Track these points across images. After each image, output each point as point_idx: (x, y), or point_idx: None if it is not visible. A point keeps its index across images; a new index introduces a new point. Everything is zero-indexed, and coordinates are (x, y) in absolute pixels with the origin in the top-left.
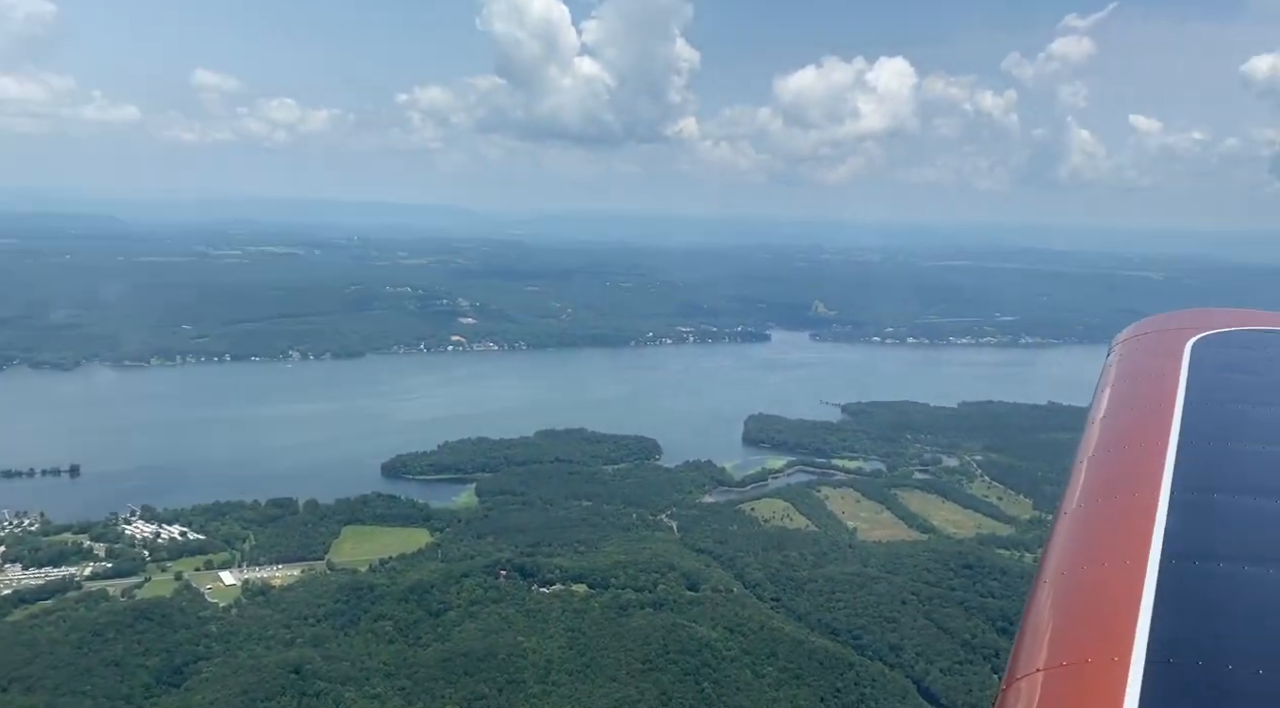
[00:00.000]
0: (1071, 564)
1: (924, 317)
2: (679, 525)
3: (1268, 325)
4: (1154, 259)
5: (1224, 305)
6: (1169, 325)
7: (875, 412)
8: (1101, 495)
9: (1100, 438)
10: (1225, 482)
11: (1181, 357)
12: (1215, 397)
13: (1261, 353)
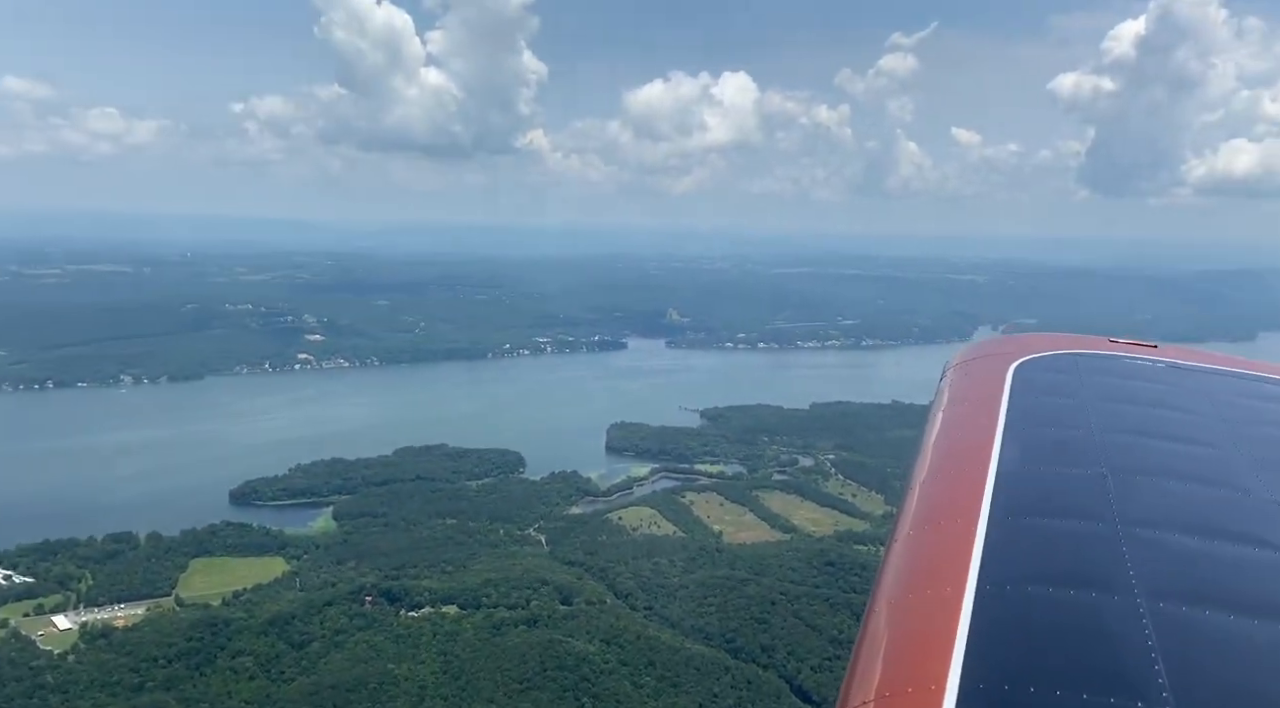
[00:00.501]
0: (898, 593)
1: (772, 322)
2: (548, 539)
3: (1083, 349)
4: (978, 263)
5: (1035, 304)
6: (994, 350)
7: (733, 416)
8: (926, 522)
9: (928, 464)
10: (1040, 505)
11: (1004, 382)
12: (1033, 421)
13: (1075, 377)
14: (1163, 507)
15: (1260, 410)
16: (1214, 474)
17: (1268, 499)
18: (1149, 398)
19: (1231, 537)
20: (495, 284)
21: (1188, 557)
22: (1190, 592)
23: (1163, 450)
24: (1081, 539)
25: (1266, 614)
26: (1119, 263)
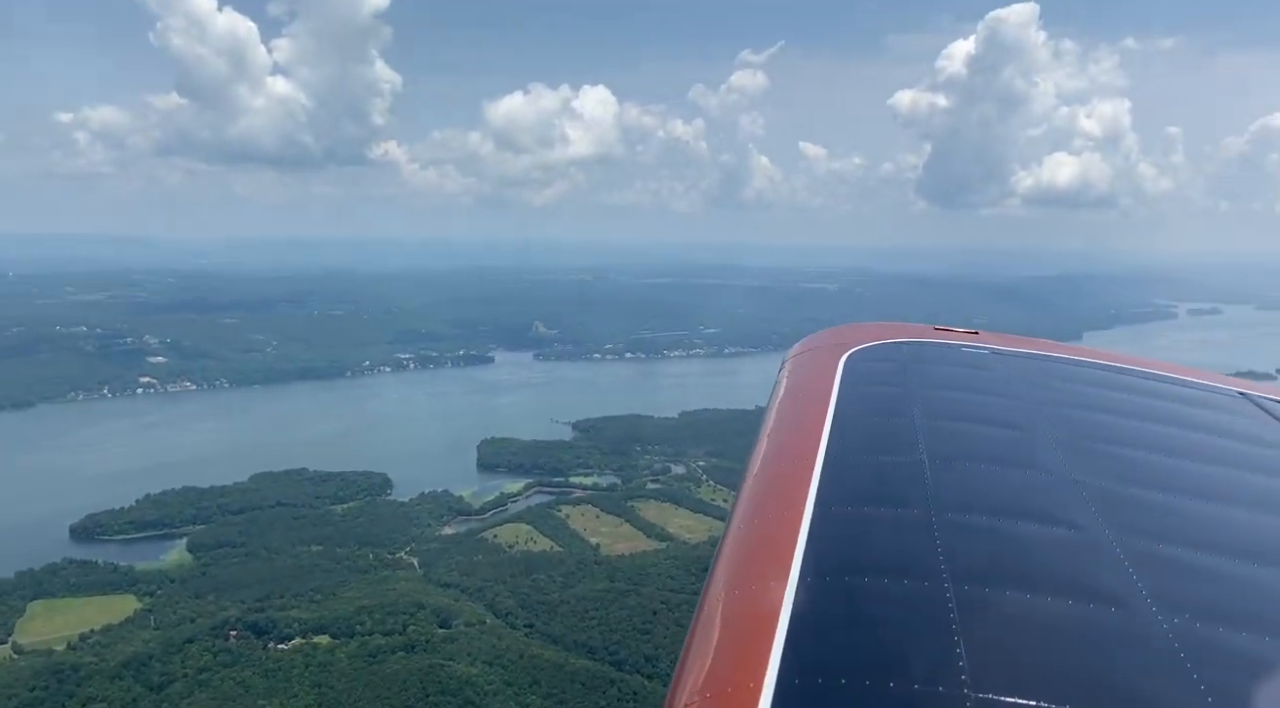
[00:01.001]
0: (722, 589)
1: (638, 332)
2: (421, 561)
3: (910, 338)
4: (828, 272)
5: (883, 310)
6: (827, 341)
7: (605, 427)
8: (754, 516)
9: (761, 458)
10: (861, 494)
11: (835, 372)
12: (859, 410)
13: (901, 364)
14: (974, 490)
15: (1068, 392)
16: (1023, 456)
17: (1070, 478)
18: (967, 383)
19: (1035, 517)
20: (351, 300)
21: (994, 539)
22: (992, 573)
23: (978, 434)
24: (897, 526)
25: (1062, 591)
26: (956, 270)
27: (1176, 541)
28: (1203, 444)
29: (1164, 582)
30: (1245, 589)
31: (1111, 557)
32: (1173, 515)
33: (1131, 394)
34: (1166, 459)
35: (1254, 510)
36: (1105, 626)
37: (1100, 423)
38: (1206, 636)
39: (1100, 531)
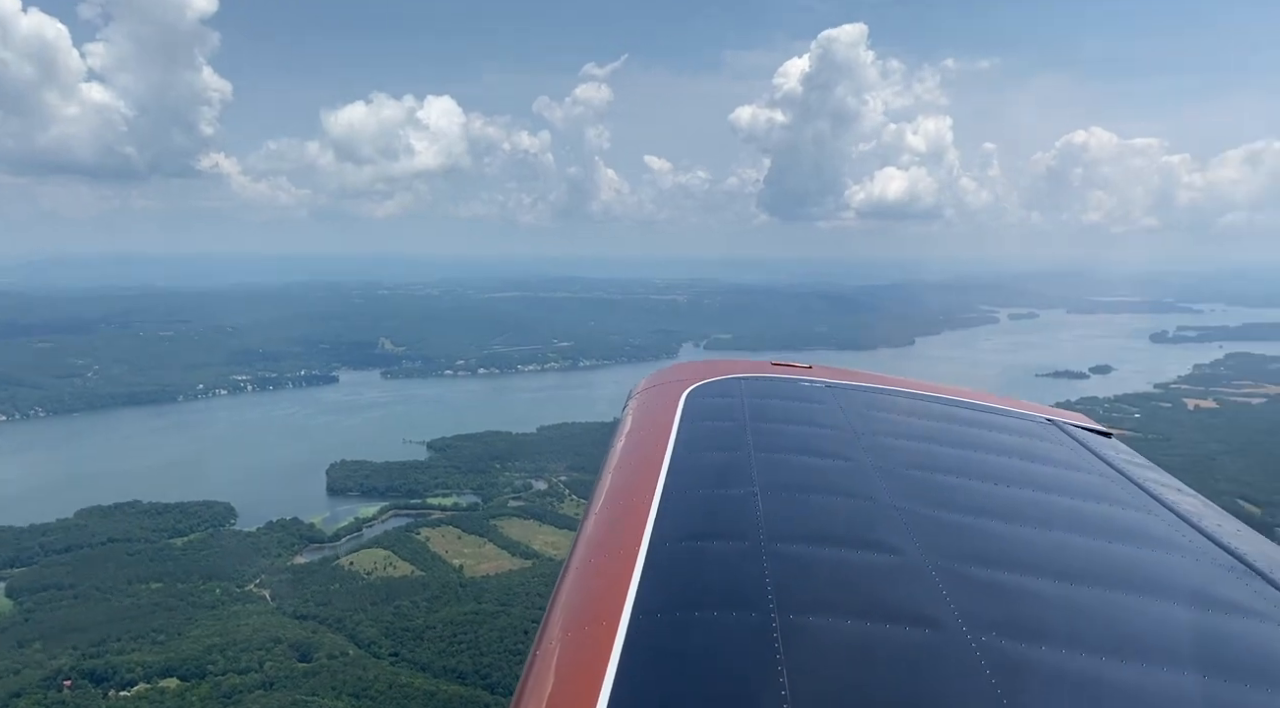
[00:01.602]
0: (557, 631)
1: (490, 347)
2: (273, 593)
3: (748, 373)
4: (677, 284)
5: (731, 320)
6: (669, 378)
7: (461, 445)
8: (591, 555)
9: (602, 496)
10: (696, 529)
11: (676, 408)
12: (697, 446)
13: (738, 400)
14: (802, 520)
15: (893, 423)
16: (848, 485)
17: (891, 505)
18: (800, 417)
19: (857, 544)
20: (180, 319)
21: (818, 567)
22: (816, 601)
23: (807, 466)
24: (728, 559)
25: (879, 615)
26: (797, 280)
27: (986, 562)
28: (1011, 469)
29: (973, 602)
30: (1046, 606)
31: (926, 580)
32: (983, 538)
33: (950, 423)
34: (979, 484)
35: (1057, 530)
36: (918, 646)
37: (921, 452)
38: (1010, 651)
39: (916, 555)
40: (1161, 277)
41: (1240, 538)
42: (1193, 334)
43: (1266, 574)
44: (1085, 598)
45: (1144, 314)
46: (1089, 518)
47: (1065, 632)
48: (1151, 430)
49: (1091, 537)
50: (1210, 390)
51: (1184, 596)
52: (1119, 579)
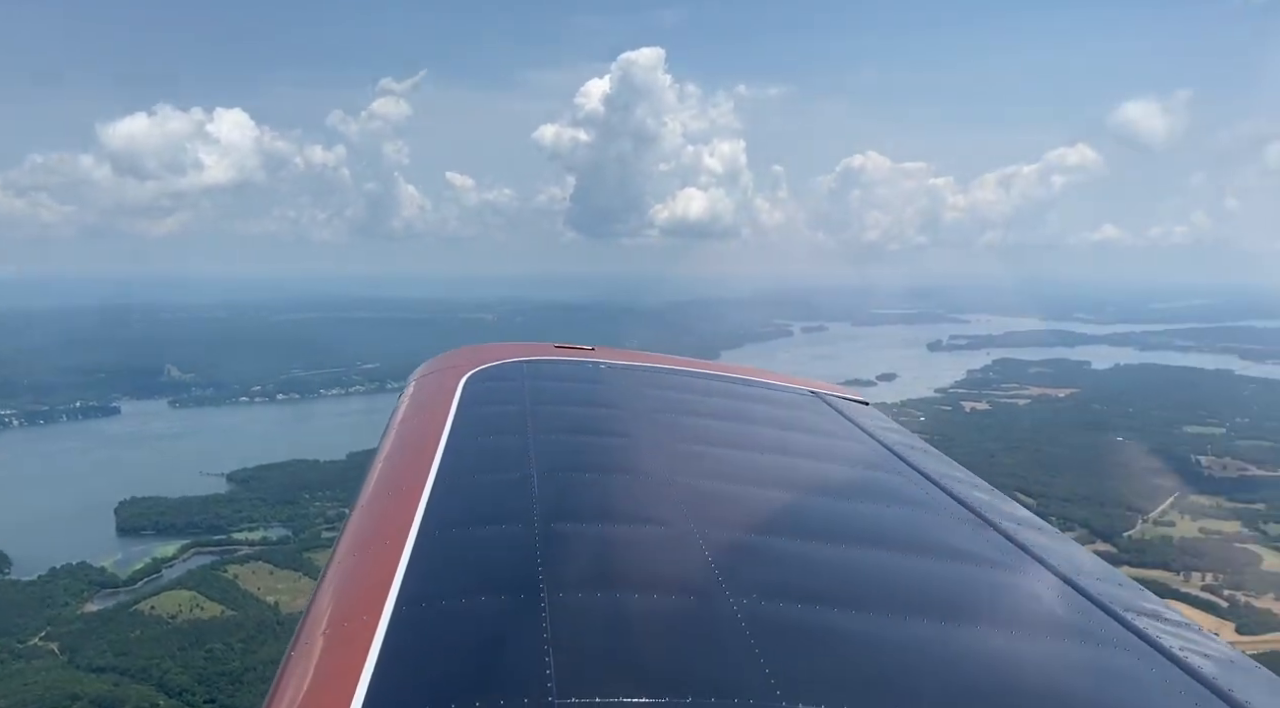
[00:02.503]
0: (316, 629)
1: (289, 371)
2: (63, 646)
3: (531, 356)
4: (485, 302)
5: (541, 338)
6: (449, 363)
7: (266, 476)
8: (355, 549)
9: (371, 486)
10: (468, 515)
11: (454, 393)
12: (475, 431)
13: (519, 383)
14: (577, 500)
15: (671, 400)
16: (626, 462)
17: (662, 479)
18: (580, 397)
19: (631, 519)
20: None
21: (591, 545)
22: (586, 578)
23: (586, 445)
24: (500, 543)
25: (648, 587)
26: (605, 297)
27: (749, 528)
28: (777, 438)
29: (736, 567)
30: (804, 565)
31: (693, 549)
32: (747, 504)
33: (723, 398)
34: (747, 454)
35: (815, 493)
36: (681, 613)
37: (694, 426)
38: (768, 610)
39: (685, 526)
40: (933, 290)
41: (976, 491)
42: (963, 343)
43: (996, 525)
44: (838, 555)
45: (920, 325)
46: (844, 479)
47: (819, 588)
48: (936, 432)
49: (845, 497)
50: (983, 393)
51: (926, 548)
52: (869, 536)
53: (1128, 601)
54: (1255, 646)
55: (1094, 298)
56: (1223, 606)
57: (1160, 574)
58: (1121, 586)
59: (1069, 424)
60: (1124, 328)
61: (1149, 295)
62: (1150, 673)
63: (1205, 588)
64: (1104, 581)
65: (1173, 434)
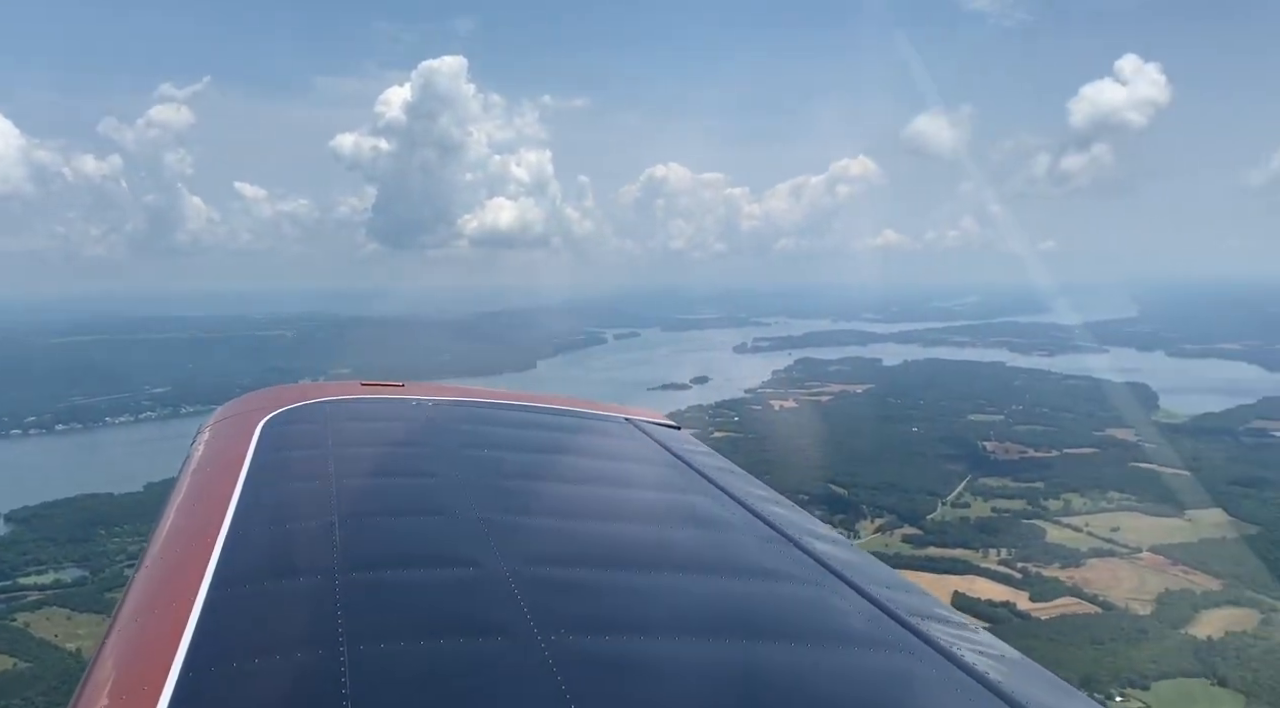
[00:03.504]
0: (93, 701)
1: (68, 399)
2: None
3: (335, 396)
4: (282, 318)
5: (346, 354)
6: (244, 408)
7: (51, 514)
8: (139, 612)
9: (157, 544)
10: (265, 569)
11: (250, 439)
12: (274, 478)
13: (322, 425)
14: (382, 544)
15: (482, 435)
16: (434, 502)
17: (471, 517)
18: (387, 437)
19: (437, 562)
20: None
21: (394, 591)
22: (389, 627)
23: (392, 487)
24: (298, 597)
25: (456, 630)
26: (412, 310)
27: (560, 561)
28: (589, 468)
29: (545, 602)
30: (613, 595)
31: (502, 588)
32: (558, 538)
33: (535, 430)
34: (559, 486)
35: (626, 521)
36: (488, 655)
37: (505, 460)
38: (576, 644)
39: (494, 564)
40: (734, 295)
41: (777, 508)
42: (767, 344)
43: (797, 541)
44: (648, 583)
45: (725, 329)
46: (656, 506)
47: (628, 618)
48: (750, 430)
49: (655, 524)
50: (789, 392)
51: (732, 569)
52: (678, 561)
53: (915, 606)
54: (1047, 611)
55: (879, 299)
56: (1017, 577)
57: (962, 552)
58: (909, 593)
59: (869, 418)
60: (907, 326)
61: (928, 295)
62: (932, 674)
63: (1002, 562)
64: (893, 589)
65: (959, 423)
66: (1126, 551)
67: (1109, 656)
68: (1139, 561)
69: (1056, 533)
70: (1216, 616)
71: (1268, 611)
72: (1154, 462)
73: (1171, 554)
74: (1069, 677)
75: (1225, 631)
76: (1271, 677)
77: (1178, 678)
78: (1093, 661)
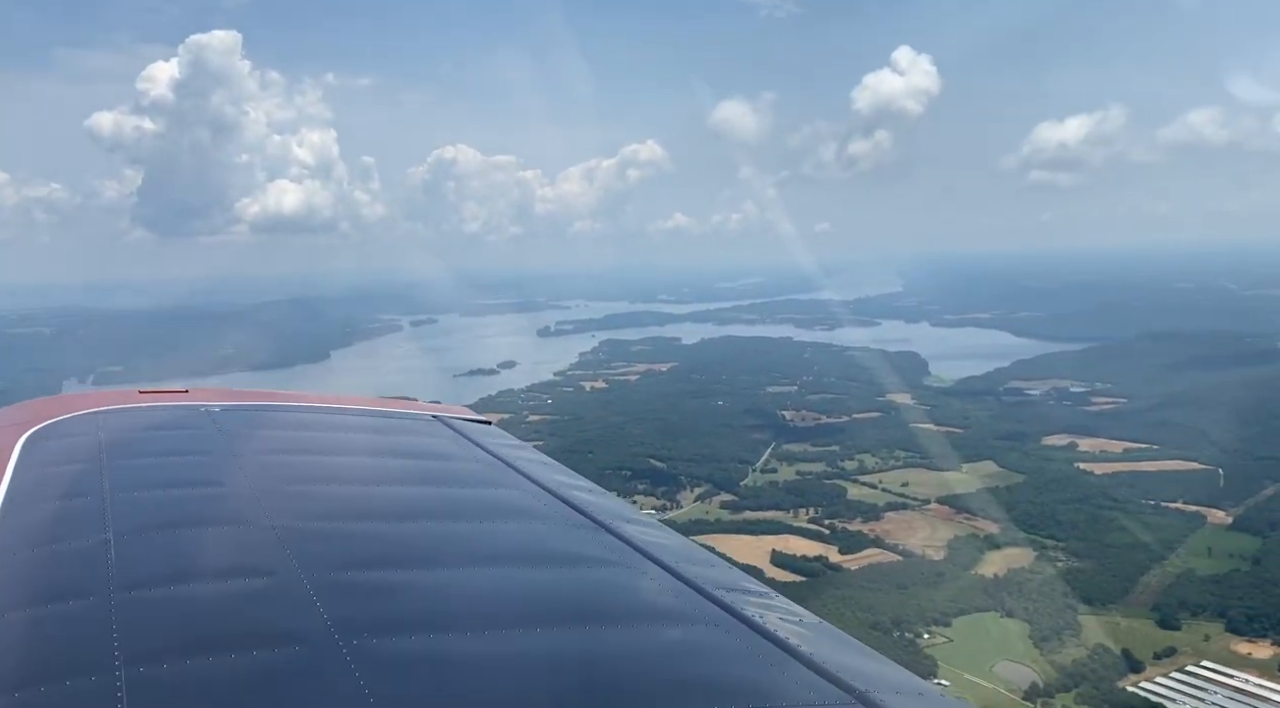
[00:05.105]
0: None
1: None
2: None
3: (109, 405)
4: (36, 314)
5: (117, 350)
6: (6, 421)
7: None
8: None
9: None
10: (30, 594)
11: (9, 456)
12: (37, 496)
13: (95, 438)
14: (162, 560)
15: (276, 440)
16: (221, 513)
17: (265, 526)
18: (169, 447)
19: (226, 574)
20: None
21: (178, 609)
22: (173, 646)
23: (175, 500)
24: (68, 622)
25: (249, 643)
26: (186, 301)
27: (363, 565)
28: (395, 468)
29: (346, 608)
30: (419, 595)
31: (299, 596)
32: (362, 541)
33: (336, 432)
34: (363, 488)
35: (434, 520)
36: (285, 666)
37: (304, 465)
38: (379, 648)
39: (290, 572)
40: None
41: (589, 495)
42: (570, 327)
43: (608, 526)
44: (456, 580)
45: (525, 313)
46: (464, 502)
47: (434, 616)
48: (564, 412)
49: (466, 520)
50: (598, 373)
51: (544, 558)
52: (489, 554)
53: (720, 580)
54: (856, 562)
55: (672, 280)
56: (826, 533)
57: (775, 514)
58: (714, 567)
59: (677, 394)
60: (700, 306)
61: (716, 276)
62: (738, 644)
63: (811, 520)
64: (700, 565)
65: (759, 395)
66: (917, 503)
67: (913, 598)
68: (929, 511)
69: (855, 491)
70: (998, 556)
71: (1039, 549)
72: (930, 422)
73: (955, 504)
74: (881, 620)
75: (1007, 569)
76: (1047, 605)
77: (973, 614)
78: (899, 604)
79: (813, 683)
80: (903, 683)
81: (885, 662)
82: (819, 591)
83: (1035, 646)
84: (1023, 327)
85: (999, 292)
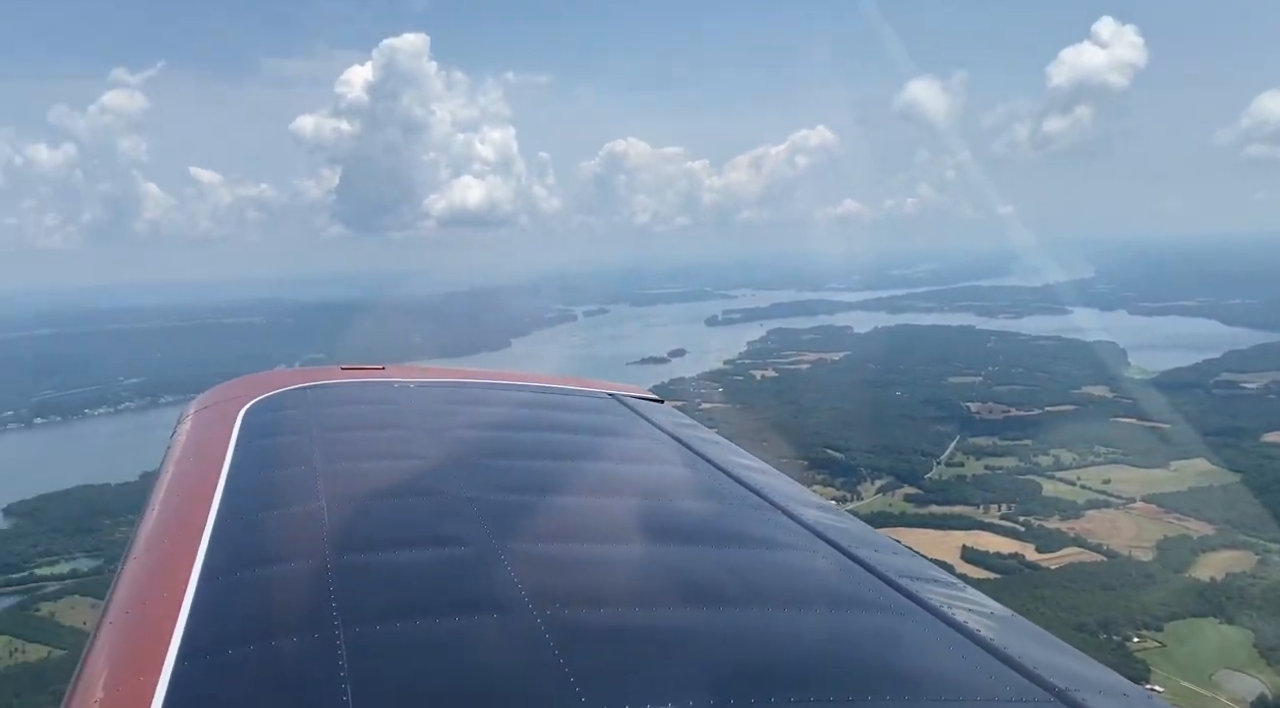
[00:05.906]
0: (88, 695)
1: (40, 394)
2: None
3: (315, 381)
4: (249, 305)
5: (317, 339)
6: (225, 395)
7: (50, 506)
8: (130, 603)
9: (143, 536)
10: (254, 556)
11: (232, 427)
12: (258, 465)
13: (304, 411)
14: (372, 527)
15: (468, 415)
16: (421, 484)
17: (461, 497)
18: (371, 421)
19: (428, 542)
20: None
21: (386, 573)
22: (383, 608)
23: (379, 470)
24: (290, 582)
25: (450, 610)
26: (380, 293)
27: (552, 537)
28: (577, 444)
29: (538, 578)
30: (606, 569)
31: (494, 566)
32: (549, 513)
33: (521, 408)
34: (547, 463)
35: (615, 495)
36: (484, 632)
37: (492, 439)
38: (571, 618)
39: (486, 543)
40: (699, 268)
41: (765, 477)
42: (738, 316)
43: (785, 508)
44: (639, 554)
45: (692, 302)
46: (642, 478)
47: (621, 590)
48: (735, 401)
49: (644, 496)
50: (768, 362)
51: (722, 537)
52: (669, 532)
53: (904, 568)
54: (1054, 561)
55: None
56: (1021, 530)
57: (963, 509)
58: (898, 555)
59: (851, 383)
60: (872, 294)
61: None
62: (925, 633)
63: (1004, 517)
64: (882, 551)
65: (940, 385)
66: (1120, 501)
67: (1121, 600)
68: (1134, 510)
69: (1051, 487)
70: (1215, 559)
71: (1263, 552)
72: (1133, 417)
73: (1164, 503)
74: (1086, 621)
75: (1225, 573)
76: (1274, 615)
77: (1188, 619)
78: (1106, 605)
79: (1007, 678)
80: (1106, 683)
81: (1087, 660)
82: (1015, 589)
83: (1261, 655)
84: (1235, 315)
85: (1205, 277)
